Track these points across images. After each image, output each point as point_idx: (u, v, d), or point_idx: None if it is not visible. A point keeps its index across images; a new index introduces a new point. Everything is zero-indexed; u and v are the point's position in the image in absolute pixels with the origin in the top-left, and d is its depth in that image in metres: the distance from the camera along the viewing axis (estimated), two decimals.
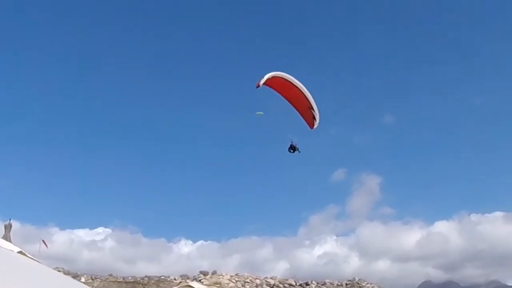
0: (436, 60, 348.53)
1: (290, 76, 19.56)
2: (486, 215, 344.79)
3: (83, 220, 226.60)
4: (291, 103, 20.32)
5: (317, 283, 51.75)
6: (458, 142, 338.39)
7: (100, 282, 50.74)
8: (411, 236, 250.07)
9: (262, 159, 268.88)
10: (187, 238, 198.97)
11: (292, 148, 20.81)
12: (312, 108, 20.11)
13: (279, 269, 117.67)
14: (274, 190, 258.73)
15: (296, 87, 19.76)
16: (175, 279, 52.19)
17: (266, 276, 54.05)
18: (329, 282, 52.24)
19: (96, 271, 56.20)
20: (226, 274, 52.60)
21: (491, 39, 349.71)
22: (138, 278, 52.91)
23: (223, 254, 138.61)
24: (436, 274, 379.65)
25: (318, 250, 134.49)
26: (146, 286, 51.30)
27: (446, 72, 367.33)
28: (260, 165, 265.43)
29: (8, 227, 43.24)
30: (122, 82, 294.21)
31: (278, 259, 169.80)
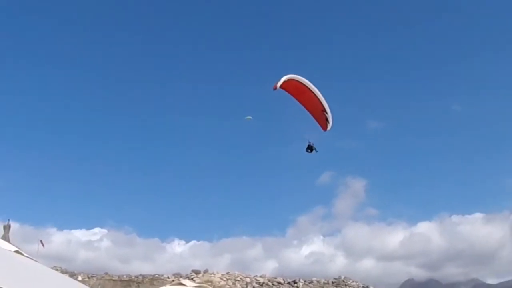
0: (420, 67, 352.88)
1: (305, 79, 19.70)
2: (466, 216, 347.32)
3: (80, 221, 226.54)
4: (305, 106, 20.46)
5: (305, 281, 52.60)
6: (440, 147, 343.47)
7: (96, 281, 51.40)
8: (395, 236, 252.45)
9: (253, 163, 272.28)
10: (180, 238, 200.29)
11: (310, 148, 20.89)
12: (326, 111, 20.41)
13: (268, 268, 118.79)
14: (264, 193, 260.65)
15: (311, 91, 19.91)
16: (168, 278, 52.64)
17: (256, 275, 54.59)
18: (316, 280, 53.27)
19: (93, 270, 56.40)
20: (218, 273, 53.11)
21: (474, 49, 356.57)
22: (133, 277, 53.33)
23: (215, 254, 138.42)
24: (419, 273, 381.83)
25: (306, 250, 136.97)
26: (141, 284, 52.10)
27: (429, 80, 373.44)
28: (251, 169, 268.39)
29: (7, 228, 44.30)
30: (118, 84, 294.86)
31: (267, 259, 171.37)
